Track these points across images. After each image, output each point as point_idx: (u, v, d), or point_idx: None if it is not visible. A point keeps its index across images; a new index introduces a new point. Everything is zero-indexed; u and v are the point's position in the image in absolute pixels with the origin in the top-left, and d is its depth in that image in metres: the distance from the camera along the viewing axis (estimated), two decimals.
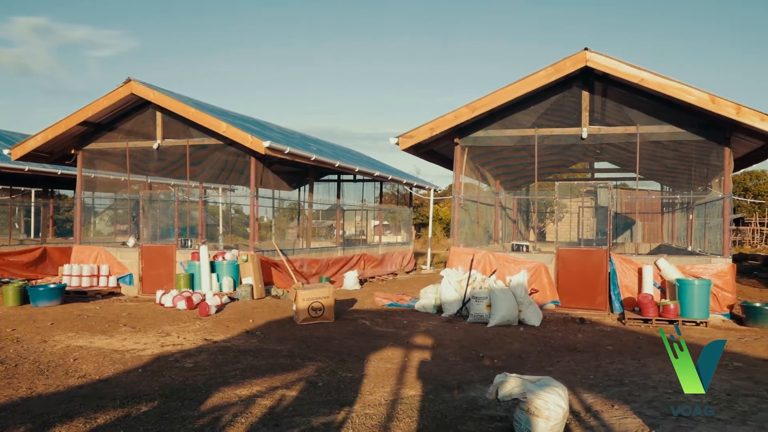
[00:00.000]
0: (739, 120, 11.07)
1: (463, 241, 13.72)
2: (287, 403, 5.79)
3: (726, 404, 5.66)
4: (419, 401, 5.92)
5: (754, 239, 45.39)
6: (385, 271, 19.97)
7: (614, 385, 6.45)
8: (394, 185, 23.32)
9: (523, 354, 8.38)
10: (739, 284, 17.32)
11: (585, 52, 11.66)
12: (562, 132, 13.29)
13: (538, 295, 11.95)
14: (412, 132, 13.09)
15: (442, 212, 40.80)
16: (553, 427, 4.72)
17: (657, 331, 10.25)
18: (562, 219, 27.61)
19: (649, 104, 12.30)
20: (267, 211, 20.19)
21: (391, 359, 7.84)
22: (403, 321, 10.79)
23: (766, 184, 52.86)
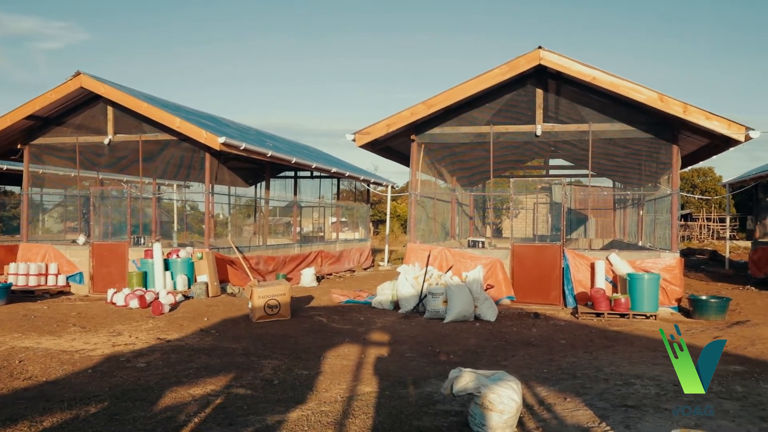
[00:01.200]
0: (686, 118, 11.39)
1: (419, 237, 13.79)
2: (242, 401, 5.73)
3: (673, 394, 5.81)
4: (375, 397, 5.92)
5: (701, 234, 46.78)
6: (342, 267, 19.93)
7: (567, 378, 6.56)
8: (352, 182, 23.29)
9: (479, 349, 8.46)
10: (687, 278, 17.82)
11: (539, 50, 11.82)
12: (517, 129, 13.45)
13: (494, 290, 12.09)
14: (369, 128, 13.09)
15: (400, 209, 40.91)
16: (507, 420, 4.78)
17: (609, 324, 10.48)
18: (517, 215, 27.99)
19: (601, 102, 12.55)
20: (223, 207, 19.96)
21: (348, 356, 7.83)
22: (360, 318, 10.79)
23: (713, 180, 54.51)
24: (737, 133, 11.26)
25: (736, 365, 7.14)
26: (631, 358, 7.54)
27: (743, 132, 11.24)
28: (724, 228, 43.43)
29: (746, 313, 11.52)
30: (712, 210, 48.52)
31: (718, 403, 5.54)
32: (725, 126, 11.29)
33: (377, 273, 19.91)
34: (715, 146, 12.99)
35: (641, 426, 4.92)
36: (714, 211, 48.29)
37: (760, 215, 21.26)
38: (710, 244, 37.77)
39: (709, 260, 26.18)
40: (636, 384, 6.21)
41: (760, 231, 20.81)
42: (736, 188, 24.02)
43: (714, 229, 46.91)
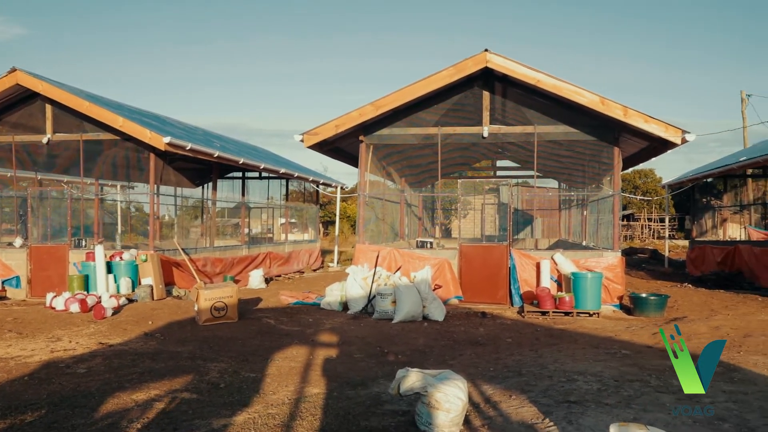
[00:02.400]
0: (626, 121, 11.74)
1: (368, 238, 13.81)
2: (187, 406, 5.63)
3: (614, 390, 5.97)
4: (323, 399, 5.90)
5: (643, 234, 48.21)
6: (291, 269, 19.79)
7: (513, 376, 6.66)
8: (301, 183, 23.15)
9: (427, 348, 8.52)
10: (628, 276, 18.34)
11: (485, 53, 11.99)
12: (464, 131, 13.60)
13: (442, 290, 12.19)
14: (317, 129, 13.04)
15: (350, 210, 40.87)
16: (453, 419, 4.83)
17: (554, 322, 10.69)
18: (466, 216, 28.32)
19: (546, 105, 12.80)
20: (169, 209, 19.56)
21: (296, 358, 7.78)
22: (309, 319, 10.73)
23: (653, 182, 56.19)
24: (674, 135, 11.66)
25: None
26: (574, 355, 7.71)
27: (680, 135, 11.64)
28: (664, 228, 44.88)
29: (683, 310, 11.91)
30: (653, 210, 50.04)
31: (656, 397, 5.71)
32: (663, 129, 11.67)
33: (327, 274, 19.83)
34: (654, 148, 13.41)
35: (583, 421, 5.03)
36: (655, 211, 49.82)
37: (697, 215, 22.06)
38: (651, 244, 38.95)
39: (649, 259, 27.00)
40: (579, 380, 6.35)
41: (696, 230, 21.59)
42: (675, 189, 24.85)
43: (655, 228, 48.40)
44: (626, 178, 55.29)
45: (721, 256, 17.97)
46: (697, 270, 19.25)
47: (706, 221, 21.57)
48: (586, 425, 4.94)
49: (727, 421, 5.06)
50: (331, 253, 25.02)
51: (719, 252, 18.21)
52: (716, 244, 19.18)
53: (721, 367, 6.97)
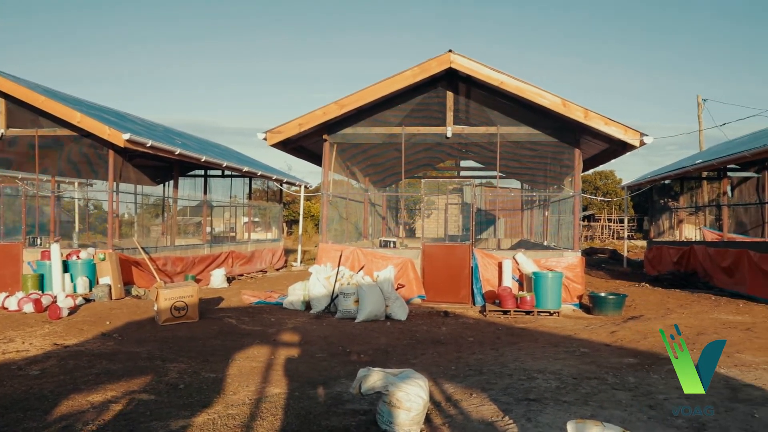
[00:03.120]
0: (587, 123, 11.93)
1: (332, 237, 13.77)
2: (145, 407, 5.53)
3: (572, 387, 6.06)
4: (284, 399, 5.86)
5: (603, 234, 49.06)
6: (254, 268, 19.62)
7: (474, 375, 6.71)
8: (265, 181, 22.96)
9: (390, 348, 8.52)
10: (589, 276, 18.65)
11: (449, 53, 12.06)
12: (428, 131, 13.67)
13: (405, 289, 12.23)
14: (281, 127, 12.95)
15: (314, 209, 40.69)
16: (414, 417, 4.84)
17: (515, 321, 10.81)
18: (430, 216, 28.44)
19: (509, 106, 12.93)
20: (129, 207, 19.23)
21: (257, 357, 7.71)
22: (271, 318, 10.65)
23: (613, 183, 57.20)
24: (633, 138, 11.89)
25: (630, 358, 7.52)
26: (534, 354, 7.80)
27: (638, 137, 11.88)
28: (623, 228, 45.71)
29: (641, 309, 12.15)
30: (612, 211, 50.95)
31: (612, 394, 5.81)
32: (622, 131, 11.90)
33: (290, 273, 19.71)
34: (614, 150, 13.66)
35: (541, 418, 5.09)
36: (615, 212, 50.73)
37: (655, 216, 22.54)
38: (611, 244, 39.66)
39: (609, 259, 27.50)
40: (538, 378, 6.43)
41: (654, 231, 22.06)
42: (633, 190, 25.37)
43: (614, 229, 49.29)
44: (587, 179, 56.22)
45: (677, 256, 18.40)
46: (655, 270, 19.67)
47: (663, 222, 22.05)
48: (544, 422, 5.00)
49: (680, 417, 5.17)
50: (295, 253, 24.88)
51: (675, 252, 18.63)
52: (672, 244, 19.63)
53: None
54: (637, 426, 4.91)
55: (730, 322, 10.33)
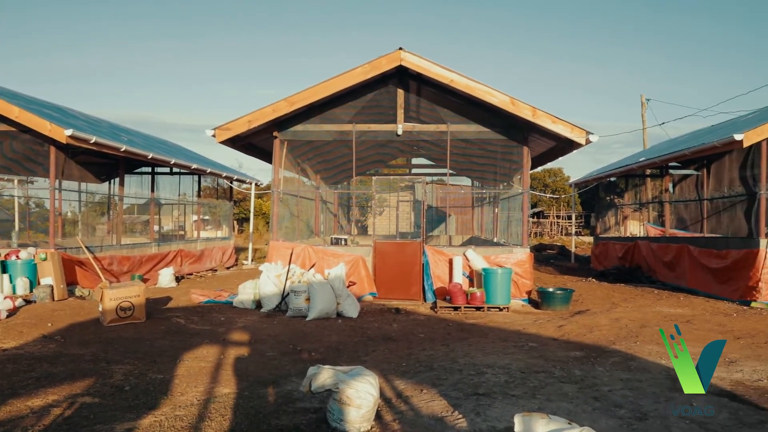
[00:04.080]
0: (535, 122, 12.14)
1: (283, 235, 13.66)
2: (88, 411, 5.38)
3: (520, 381, 6.16)
4: (234, 399, 5.79)
5: (552, 231, 50.02)
6: (204, 267, 19.32)
7: (424, 371, 6.76)
8: (215, 179, 22.62)
9: (341, 345, 8.51)
10: (538, 272, 19.00)
11: (399, 51, 12.09)
12: (379, 128, 13.69)
13: (357, 287, 12.23)
14: (230, 124, 12.77)
15: (265, 207, 40.27)
16: (365, 414, 4.84)
17: (465, 317, 10.92)
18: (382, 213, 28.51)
19: (459, 104, 13.05)
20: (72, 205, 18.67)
21: (206, 357, 7.59)
22: (221, 318, 10.51)
23: (562, 180, 58.36)
24: (579, 136, 12.15)
25: (576, 351, 7.70)
26: (484, 349, 7.90)
27: (584, 136, 12.15)
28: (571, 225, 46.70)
29: (587, 303, 12.44)
30: (561, 208, 51.99)
31: (559, 387, 5.94)
32: (569, 130, 12.15)
33: (240, 272, 19.48)
34: (561, 148, 13.93)
35: (490, 412, 5.17)
36: (563, 209, 51.78)
37: (601, 213, 23.08)
38: (559, 240, 40.49)
39: (557, 255, 28.09)
40: (487, 373, 6.52)
41: (600, 227, 22.60)
42: (581, 188, 25.93)
43: (563, 225, 50.30)
44: (536, 177, 57.22)
45: (622, 251, 18.90)
46: (601, 265, 20.17)
47: (609, 218, 22.60)
48: (493, 416, 5.08)
49: (622, 407, 5.32)
50: (246, 251, 24.61)
51: (620, 248, 19.14)
52: (618, 240, 20.15)
53: (619, 356, 7.34)
54: (583, 417, 5.02)
55: (672, 314, 10.68)
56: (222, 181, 22.80)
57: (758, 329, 9.22)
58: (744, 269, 12.18)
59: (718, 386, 6.05)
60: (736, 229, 15.56)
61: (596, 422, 4.91)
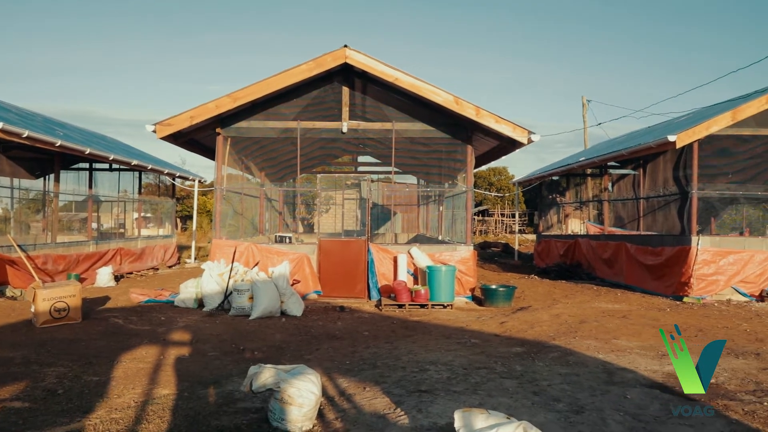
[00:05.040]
0: (479, 121, 12.29)
1: (226, 233, 13.46)
2: (17, 416, 5.18)
3: (462, 377, 6.23)
4: (173, 400, 5.67)
5: (497, 228, 50.81)
6: (145, 265, 18.86)
7: (368, 368, 6.76)
8: (157, 176, 22.09)
9: (284, 344, 8.44)
10: (482, 269, 19.27)
11: (344, 49, 12.06)
12: (323, 126, 13.63)
13: (301, 285, 12.14)
14: (171, 120, 12.49)
15: (210, 204, 39.61)
16: (306, 413, 4.81)
17: (410, 315, 10.98)
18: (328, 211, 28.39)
19: (404, 103, 13.10)
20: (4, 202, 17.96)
21: (145, 358, 7.41)
22: (161, 317, 10.27)
23: (506, 179, 59.37)
24: (521, 136, 12.37)
25: (518, 347, 7.83)
26: (427, 346, 7.96)
27: (526, 135, 12.37)
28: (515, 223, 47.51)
29: (529, 300, 12.68)
30: (506, 206, 52.85)
31: (500, 382, 6.02)
32: (511, 129, 12.35)
33: (183, 270, 19.11)
34: (504, 147, 14.14)
35: (432, 409, 5.20)
36: (508, 207, 52.65)
37: (544, 211, 23.56)
38: (504, 238, 41.15)
39: (502, 252, 28.54)
40: (430, 370, 6.56)
41: (543, 225, 23.06)
42: (524, 186, 26.39)
43: (507, 223, 51.16)
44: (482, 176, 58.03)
45: (563, 249, 19.33)
46: (543, 262, 20.59)
47: (551, 216, 23.09)
48: (434, 413, 5.11)
49: (561, 401, 5.43)
50: (189, 249, 24.15)
51: (562, 245, 19.57)
52: (560, 238, 20.60)
53: (558, 351, 7.50)
54: (522, 412, 5.11)
55: (609, 310, 10.98)
56: (164, 178, 22.30)
57: (689, 323, 9.57)
58: (677, 266, 12.63)
59: (651, 378, 6.25)
60: (670, 227, 16.11)
61: (535, 416, 5.01)
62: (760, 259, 12.46)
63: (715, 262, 12.34)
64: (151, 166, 18.85)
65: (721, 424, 4.91)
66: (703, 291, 12.19)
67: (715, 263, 12.33)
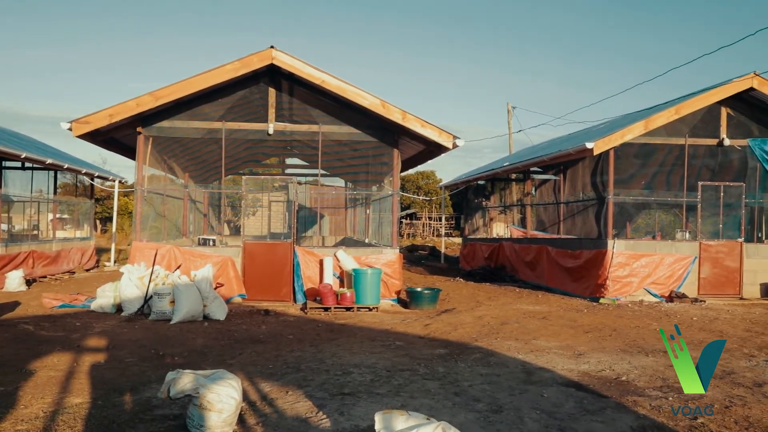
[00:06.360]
0: (405, 125, 12.42)
1: (147, 235, 13.08)
2: None
3: (386, 380, 6.27)
4: (86, 409, 5.45)
5: (424, 232, 51.36)
6: (60, 269, 18.08)
7: (291, 372, 6.71)
8: (75, 175, 21.21)
9: (206, 349, 8.26)
10: (409, 272, 19.45)
11: (271, 49, 11.95)
12: (249, 127, 13.46)
13: (225, 288, 11.93)
14: (89, 117, 12.02)
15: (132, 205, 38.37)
16: (226, 419, 4.73)
17: (335, 318, 10.96)
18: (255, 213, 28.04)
19: (331, 105, 13.08)
20: None
21: (57, 366, 7.10)
22: (76, 323, 9.87)
23: (434, 182, 60.10)
24: (446, 140, 12.58)
25: (441, 349, 7.94)
26: (352, 349, 7.97)
27: (451, 140, 12.59)
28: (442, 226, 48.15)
29: (454, 302, 12.88)
30: (433, 209, 53.51)
31: (423, 384, 6.10)
32: (437, 134, 12.53)
33: (102, 274, 18.42)
34: (430, 152, 14.33)
35: (354, 411, 5.21)
36: (435, 210, 53.32)
37: (469, 215, 24.02)
38: (431, 241, 41.63)
39: (429, 255, 28.86)
40: (354, 373, 6.57)
41: (469, 229, 23.50)
42: (451, 190, 26.83)
43: (435, 227, 51.79)
44: (410, 179, 58.57)
45: (488, 252, 19.75)
46: (468, 265, 20.97)
47: (477, 220, 23.56)
48: (356, 415, 5.12)
49: (481, 401, 5.54)
50: (109, 252, 23.33)
51: (487, 248, 20.00)
52: (484, 241, 21.05)
53: (480, 353, 7.65)
54: (443, 412, 5.18)
55: (530, 311, 11.30)
56: (83, 177, 21.44)
57: (604, 323, 9.96)
58: (594, 268, 13.12)
59: (567, 377, 6.46)
60: (588, 231, 16.73)
61: (455, 417, 5.09)
62: (670, 262, 13.10)
63: (629, 264, 12.89)
64: (67, 165, 18.09)
65: (630, 419, 5.13)
66: (618, 292, 12.71)
67: (629, 266, 12.88)
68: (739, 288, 13.48)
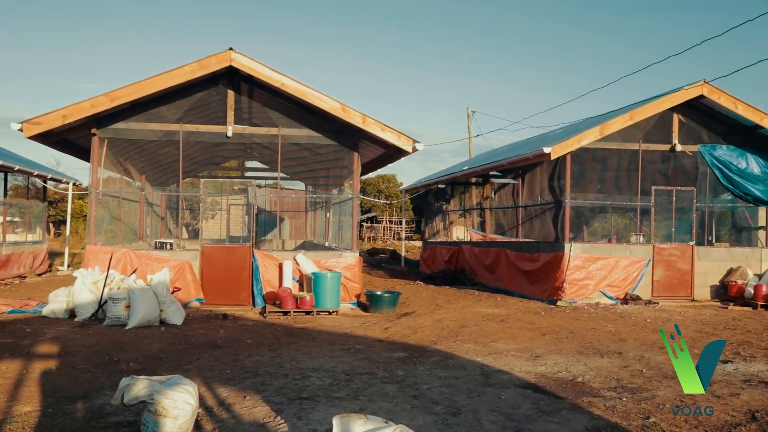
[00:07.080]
0: (365, 128, 12.44)
1: (102, 239, 12.81)
2: None
3: (344, 383, 6.26)
4: (36, 417, 5.31)
5: (385, 235, 51.47)
6: (10, 273, 17.57)
7: (249, 377, 6.64)
8: (27, 177, 20.65)
9: (162, 354, 8.13)
10: (369, 275, 19.45)
11: (230, 51, 11.84)
12: (207, 129, 13.29)
13: (182, 293, 11.75)
14: (41, 118, 11.72)
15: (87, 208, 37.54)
16: (182, 425, 4.66)
17: (295, 322, 10.89)
18: (214, 216, 27.72)
19: (291, 108, 13.01)
20: None
21: (6, 374, 6.89)
22: (27, 329, 9.60)
23: (395, 186, 60.26)
24: (406, 144, 12.64)
25: (400, 352, 7.97)
26: (311, 353, 7.93)
27: (411, 143, 12.65)
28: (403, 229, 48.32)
29: (413, 305, 12.93)
30: (394, 213, 53.65)
31: (381, 387, 6.10)
32: (396, 137, 12.58)
33: (54, 278, 17.96)
34: (390, 155, 14.38)
35: (312, 416, 5.19)
36: (396, 214, 53.47)
37: (430, 218, 24.15)
38: (392, 245, 41.77)
39: (389, 259, 28.92)
40: (313, 377, 6.55)
41: (429, 232, 23.63)
42: (412, 193, 26.94)
43: (395, 230, 51.94)
44: (371, 182, 58.63)
45: (448, 255, 19.89)
46: (429, 268, 21.08)
47: (437, 224, 23.71)
48: (315, 419, 5.10)
49: (439, 403, 5.58)
50: (62, 256, 22.76)
51: (446, 252, 20.13)
52: (444, 244, 21.18)
53: (439, 355, 7.70)
54: (402, 416, 5.20)
55: (489, 314, 11.41)
56: (35, 179, 20.89)
57: (561, 326, 10.12)
58: (552, 271, 13.33)
59: (524, 379, 6.55)
60: (546, 235, 16.98)
61: (414, 419, 5.11)
62: (625, 265, 13.39)
63: (585, 267, 13.13)
64: (18, 167, 17.63)
65: (585, 420, 5.22)
66: (574, 295, 12.93)
67: (585, 269, 13.12)
68: (690, 290, 13.86)
